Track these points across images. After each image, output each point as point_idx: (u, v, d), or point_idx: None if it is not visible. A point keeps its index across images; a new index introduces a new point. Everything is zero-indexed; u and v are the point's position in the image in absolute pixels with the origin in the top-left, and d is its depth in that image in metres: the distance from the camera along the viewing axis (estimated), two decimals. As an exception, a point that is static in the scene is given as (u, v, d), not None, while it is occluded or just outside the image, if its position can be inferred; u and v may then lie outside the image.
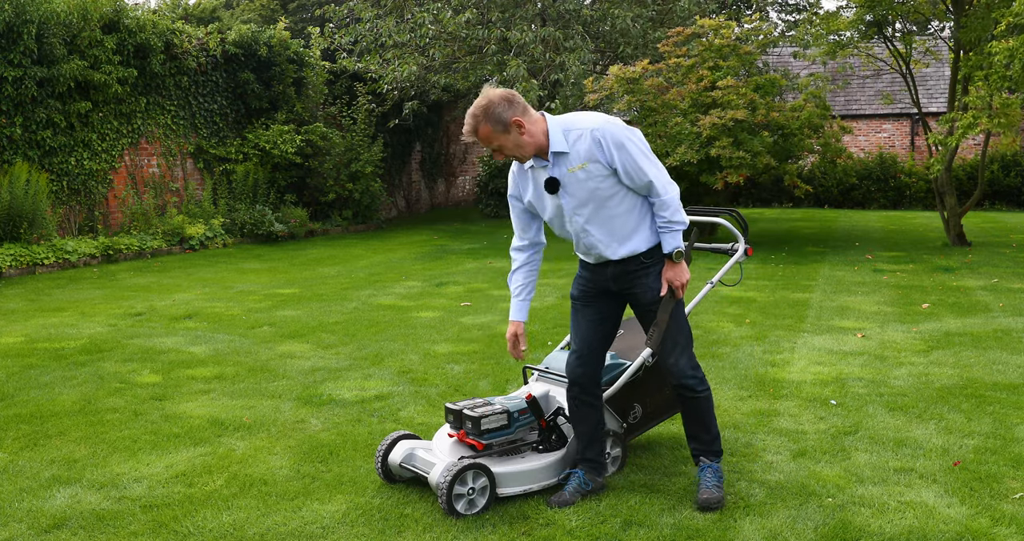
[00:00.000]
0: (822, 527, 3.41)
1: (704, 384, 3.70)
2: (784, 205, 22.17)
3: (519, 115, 3.42)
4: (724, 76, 12.59)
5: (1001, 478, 3.86)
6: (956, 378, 5.54)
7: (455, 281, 10.12)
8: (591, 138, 3.43)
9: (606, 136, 3.42)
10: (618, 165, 3.44)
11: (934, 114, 21.17)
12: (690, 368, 3.66)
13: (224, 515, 3.58)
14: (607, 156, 3.44)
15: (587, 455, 3.76)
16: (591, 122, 3.47)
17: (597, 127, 3.44)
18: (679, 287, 3.61)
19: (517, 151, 3.48)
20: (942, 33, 16.21)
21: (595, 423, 3.79)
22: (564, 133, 3.47)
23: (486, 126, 3.42)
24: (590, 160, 3.45)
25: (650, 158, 3.50)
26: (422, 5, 16.69)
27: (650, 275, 3.63)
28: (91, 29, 12.76)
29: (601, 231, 3.57)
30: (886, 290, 9.02)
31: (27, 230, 11.45)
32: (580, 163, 3.46)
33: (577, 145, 3.45)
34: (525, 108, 3.46)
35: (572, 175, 3.48)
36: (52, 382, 5.72)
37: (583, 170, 3.46)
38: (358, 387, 5.52)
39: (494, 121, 3.41)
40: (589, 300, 3.78)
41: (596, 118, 3.48)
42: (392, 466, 3.82)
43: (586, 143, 3.44)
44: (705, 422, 3.74)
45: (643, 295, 3.65)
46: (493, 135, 3.44)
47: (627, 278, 3.65)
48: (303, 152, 16.11)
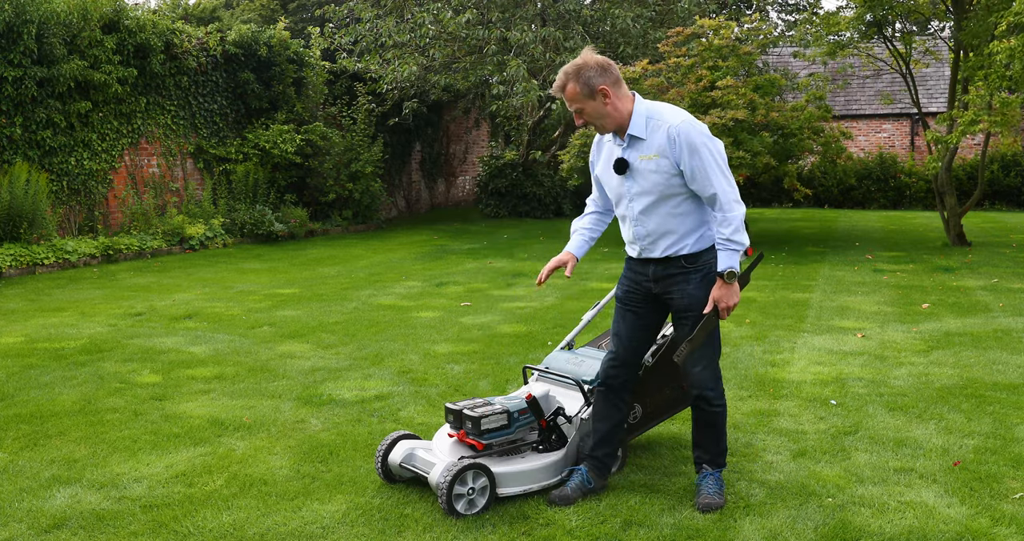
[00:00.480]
0: (822, 527, 3.41)
1: (722, 399, 3.69)
2: (784, 205, 22.18)
3: (608, 85, 3.42)
4: (724, 76, 12.59)
5: (1001, 478, 3.86)
6: (956, 378, 5.54)
7: (455, 281, 10.12)
8: (667, 133, 3.41)
9: (681, 135, 3.39)
10: (685, 168, 3.42)
11: (934, 114, 21.17)
12: (712, 380, 3.65)
13: (224, 515, 3.59)
14: (676, 155, 3.41)
15: (596, 454, 3.76)
16: (673, 117, 3.44)
17: (675, 124, 3.41)
18: (724, 309, 3.49)
19: (597, 119, 3.48)
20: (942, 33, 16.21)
21: (615, 424, 3.79)
22: (646, 119, 3.46)
23: (574, 86, 3.42)
24: (662, 154, 3.44)
25: (723, 171, 3.43)
26: (422, 5, 16.69)
27: (691, 282, 3.56)
28: (91, 29, 12.76)
29: (653, 223, 3.55)
30: (886, 290, 9.02)
31: (27, 230, 11.45)
32: (652, 153, 3.45)
33: (654, 135, 3.44)
34: (617, 80, 3.45)
35: (642, 162, 3.48)
36: (52, 382, 5.72)
37: (653, 161, 3.45)
38: (358, 387, 5.52)
39: (582, 83, 3.41)
40: (632, 304, 3.75)
41: (679, 115, 3.46)
42: (392, 466, 3.82)
43: (662, 136, 3.42)
44: (715, 435, 3.72)
45: (679, 300, 3.59)
46: (578, 97, 3.44)
47: (667, 280, 3.61)
48: (303, 152, 16.11)
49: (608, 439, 3.78)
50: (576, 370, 4.07)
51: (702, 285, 3.56)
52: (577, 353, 4.24)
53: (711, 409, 3.68)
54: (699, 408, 3.70)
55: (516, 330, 7.21)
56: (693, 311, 3.57)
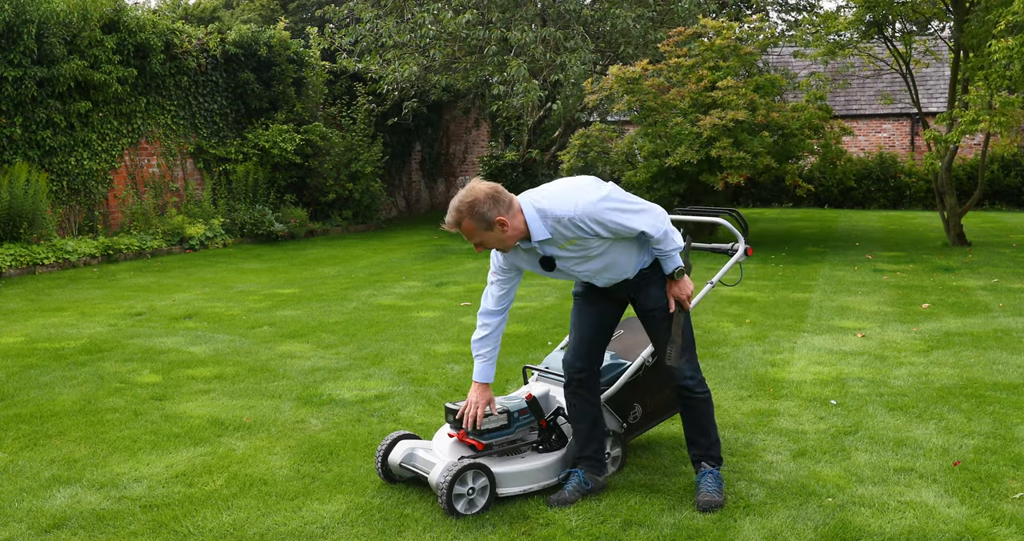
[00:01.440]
0: (822, 527, 3.41)
1: (703, 387, 3.72)
2: (784, 205, 22.18)
3: (503, 213, 3.38)
4: (724, 76, 12.59)
5: (1001, 478, 3.86)
6: (956, 378, 5.54)
7: (455, 281, 10.12)
8: (571, 224, 3.41)
9: (584, 220, 3.39)
10: (605, 234, 3.45)
11: (934, 114, 21.15)
12: (690, 369, 3.69)
13: (224, 515, 3.58)
14: (591, 232, 3.44)
15: (585, 453, 3.77)
16: (563, 207, 3.39)
17: (572, 214, 3.38)
18: (685, 299, 3.67)
19: (499, 245, 3.49)
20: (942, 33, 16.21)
21: (593, 420, 3.80)
22: (543, 221, 3.43)
23: (469, 221, 3.39)
24: (578, 238, 3.46)
25: (632, 209, 3.45)
26: (422, 5, 16.68)
27: (652, 285, 3.69)
28: (91, 29, 12.76)
29: (609, 273, 3.64)
30: (886, 290, 9.02)
31: (27, 230, 11.45)
32: (566, 241, 3.48)
33: (558, 229, 3.44)
34: (509, 203, 3.41)
35: (564, 250, 3.52)
36: (52, 382, 5.72)
37: (574, 245, 3.49)
38: (358, 387, 5.52)
39: (478, 218, 3.38)
40: (592, 298, 3.82)
41: (568, 202, 3.39)
42: (392, 466, 3.82)
43: (567, 227, 3.42)
44: (703, 426, 3.75)
45: (644, 300, 3.72)
46: (476, 231, 3.42)
47: (630, 287, 3.72)
48: (303, 152, 16.11)
49: (592, 436, 3.79)
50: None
51: (663, 285, 3.70)
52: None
53: (695, 397, 3.71)
54: (683, 397, 3.74)
55: (516, 330, 7.21)
56: (657, 309, 3.70)
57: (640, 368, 3.99)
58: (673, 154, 12.21)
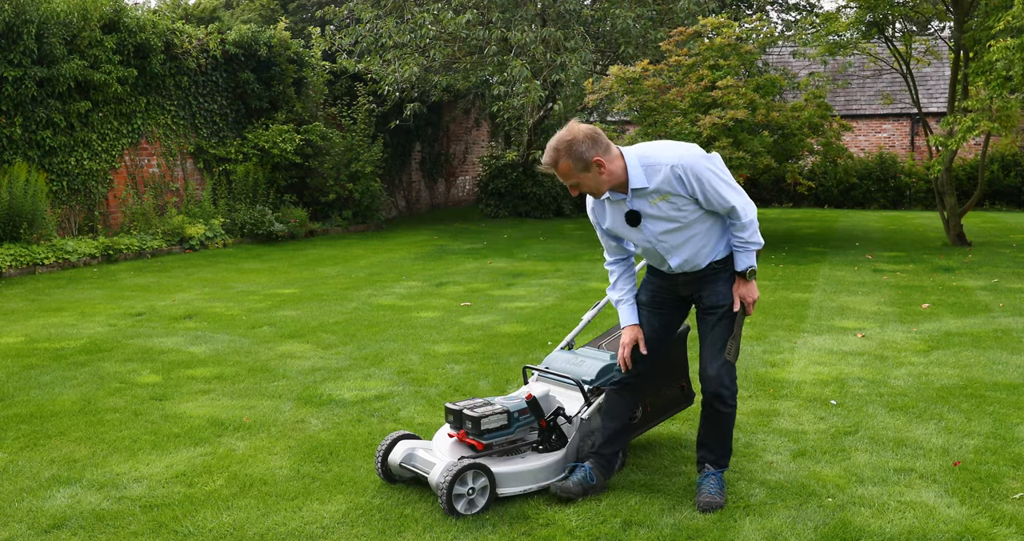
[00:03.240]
0: (822, 527, 3.41)
1: (734, 401, 3.72)
2: (784, 205, 22.18)
3: (601, 154, 3.40)
4: (724, 76, 12.58)
5: (1001, 478, 3.86)
6: (956, 378, 5.54)
7: (455, 281, 10.12)
8: (671, 173, 3.42)
9: (687, 171, 3.41)
10: (699, 196, 3.46)
11: (934, 114, 21.17)
12: (729, 380, 3.68)
13: (224, 515, 3.59)
14: (688, 189, 3.44)
15: (602, 450, 3.78)
16: (670, 156, 3.44)
17: (676, 162, 3.42)
18: (751, 303, 3.67)
19: (594, 188, 3.48)
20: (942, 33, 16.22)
21: (624, 423, 3.83)
22: (644, 168, 3.45)
23: (567, 161, 3.40)
24: (672, 192, 3.46)
25: (731, 184, 3.51)
26: (422, 5, 16.68)
27: (720, 280, 3.68)
28: (91, 29, 12.75)
29: (686, 250, 3.61)
30: (886, 290, 9.02)
31: (27, 230, 11.45)
32: (660, 195, 3.47)
33: (657, 179, 3.44)
34: (608, 146, 3.43)
35: (654, 206, 3.50)
36: (52, 382, 5.72)
37: (665, 202, 3.48)
38: (358, 387, 5.52)
39: (575, 158, 3.38)
40: (657, 308, 3.81)
41: (674, 150, 3.46)
42: (392, 466, 3.82)
43: (666, 177, 3.43)
44: (722, 436, 3.74)
45: (709, 297, 3.69)
46: (573, 172, 3.41)
47: (698, 282, 3.70)
48: (303, 152, 16.11)
49: (616, 438, 3.81)
50: (576, 370, 4.06)
51: (729, 282, 3.69)
52: (577, 353, 4.23)
53: (724, 409, 3.69)
54: (711, 406, 3.70)
55: (516, 330, 7.21)
56: (720, 306, 3.67)
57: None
58: (673, 154, 12.19)
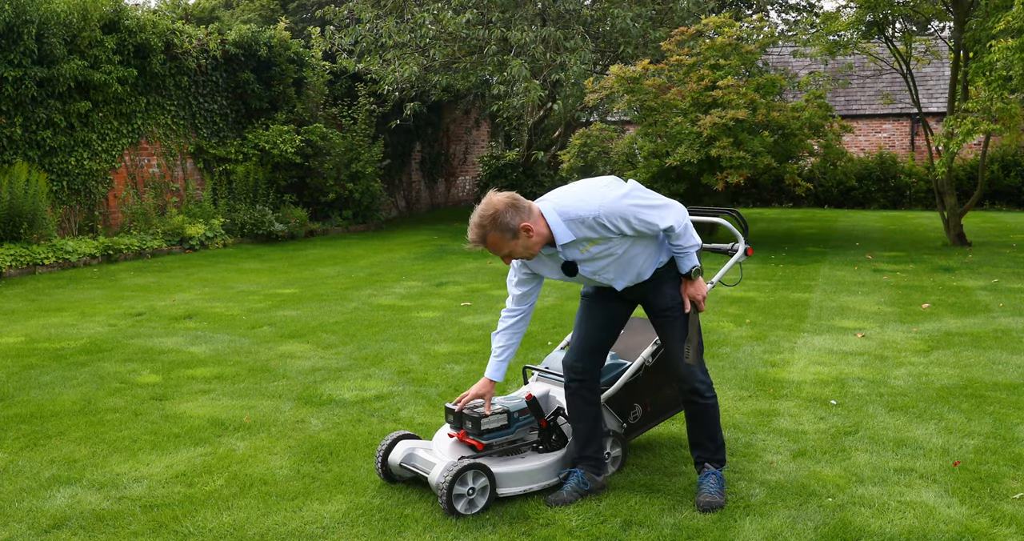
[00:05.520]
0: (822, 527, 3.41)
1: (712, 391, 3.72)
2: (784, 205, 22.18)
3: (526, 219, 3.35)
4: (725, 75, 12.58)
5: (1001, 478, 3.86)
6: (956, 378, 5.54)
7: (455, 281, 10.12)
8: (595, 224, 3.38)
9: (610, 217, 3.36)
10: (628, 232, 3.43)
11: (934, 114, 21.17)
12: (701, 373, 3.68)
13: (224, 515, 3.59)
14: (615, 231, 3.41)
15: (585, 453, 3.76)
16: (589, 207, 3.36)
17: (597, 213, 3.35)
18: (701, 300, 3.66)
19: (526, 253, 3.44)
20: (942, 33, 16.21)
21: (593, 420, 3.79)
22: (566, 223, 3.39)
23: (495, 234, 3.34)
24: (601, 237, 3.43)
25: (655, 205, 3.44)
26: (422, 5, 16.68)
27: (665, 284, 3.66)
28: (91, 29, 12.75)
29: (629, 274, 3.60)
30: (886, 290, 9.02)
31: (27, 230, 11.45)
32: (589, 243, 3.44)
33: (581, 231, 3.41)
34: (529, 209, 3.38)
35: (586, 253, 3.48)
36: (52, 382, 5.72)
37: (595, 245, 3.45)
38: (358, 387, 5.52)
39: (502, 229, 3.33)
40: (600, 299, 3.80)
41: (592, 199, 3.38)
42: (392, 466, 3.82)
43: (591, 227, 3.39)
44: (710, 430, 3.74)
45: (657, 301, 3.68)
46: (503, 242, 3.37)
47: (642, 288, 3.69)
48: (303, 152, 16.11)
49: (592, 436, 3.79)
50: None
51: (675, 284, 3.68)
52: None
53: (703, 401, 3.70)
54: (692, 402, 3.72)
55: (516, 330, 7.20)
56: (671, 308, 3.66)
57: (640, 368, 3.99)
58: (673, 154, 12.21)
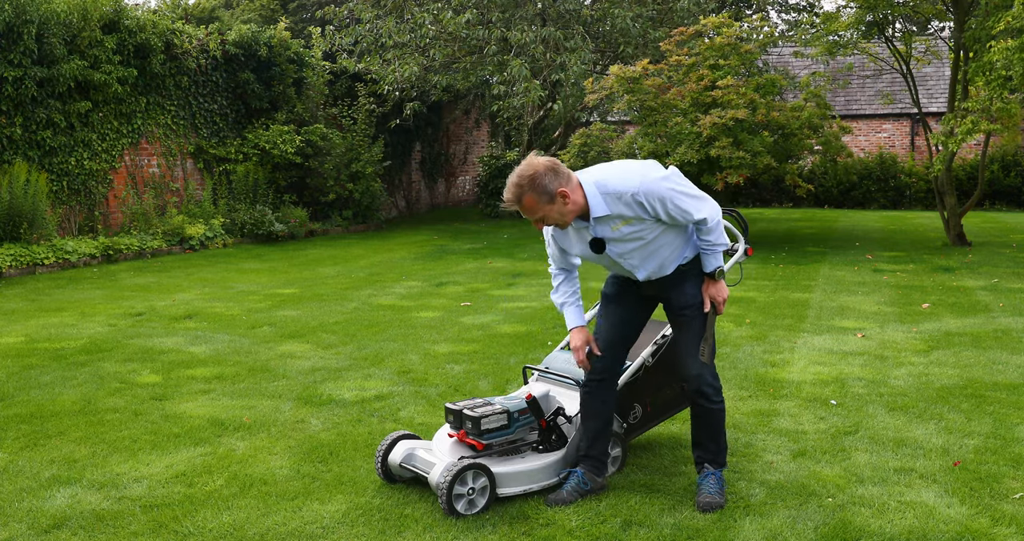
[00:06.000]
0: (822, 527, 3.41)
1: (720, 396, 3.71)
2: (784, 205, 22.18)
3: (564, 185, 3.38)
4: (724, 75, 12.58)
5: (1001, 478, 3.86)
6: (956, 378, 5.54)
7: (455, 281, 10.12)
8: (633, 201, 3.40)
9: (649, 196, 3.39)
10: (663, 216, 3.44)
11: (934, 114, 21.16)
12: (711, 377, 3.68)
13: (224, 515, 3.59)
14: (651, 212, 3.43)
15: (590, 452, 3.76)
16: (630, 184, 3.39)
17: (637, 190, 3.38)
18: (721, 302, 3.65)
19: (560, 219, 3.45)
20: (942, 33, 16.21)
21: (605, 421, 3.80)
22: (603, 196, 3.42)
23: (531, 196, 3.37)
24: (634, 217, 3.44)
25: (693, 195, 3.47)
26: (422, 5, 16.69)
27: (687, 281, 3.66)
28: (91, 29, 12.75)
29: (651, 263, 3.60)
30: (886, 290, 9.02)
31: (27, 230, 11.45)
32: (622, 221, 3.45)
33: (617, 207, 3.42)
34: (568, 176, 3.41)
35: (616, 231, 3.49)
36: (52, 382, 5.72)
37: (627, 225, 3.46)
38: (358, 387, 5.52)
39: (540, 191, 3.36)
40: (621, 300, 3.80)
41: (633, 177, 3.41)
42: (392, 466, 3.82)
43: (628, 204, 3.41)
44: (714, 434, 3.74)
45: (678, 299, 3.67)
46: (538, 205, 3.39)
47: (663, 284, 3.68)
48: (303, 152, 16.11)
49: (601, 437, 3.79)
50: (576, 370, 4.06)
51: (696, 283, 3.67)
52: (577, 353, 4.23)
53: (710, 406, 3.69)
54: (698, 405, 3.71)
55: (516, 330, 7.21)
56: (690, 307, 3.66)
57: (640, 368, 3.99)
58: (673, 154, 12.20)
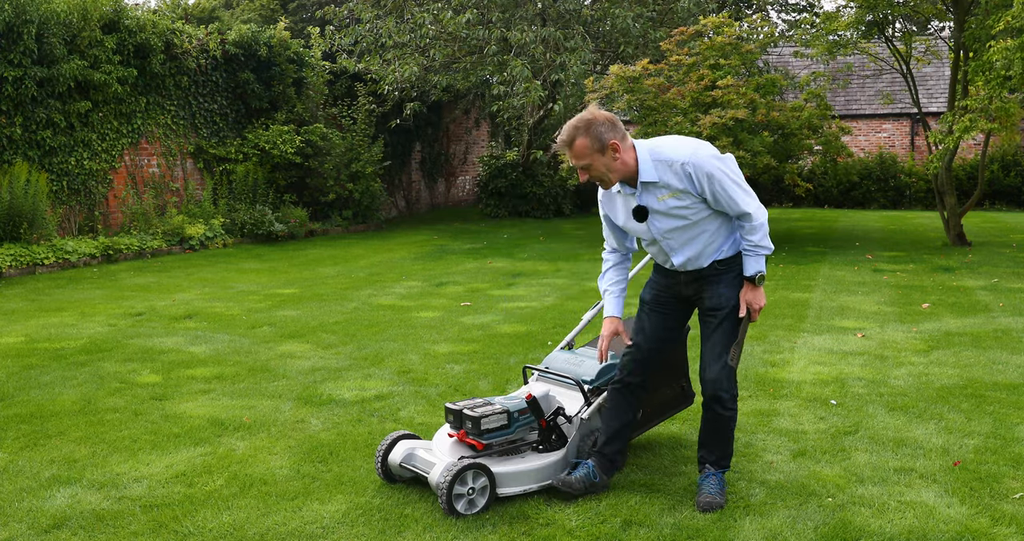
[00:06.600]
0: (822, 527, 3.41)
1: (735, 403, 3.70)
2: (784, 205, 22.18)
3: (618, 140, 3.40)
4: (725, 75, 12.59)
5: (1001, 478, 3.86)
6: (956, 378, 5.54)
7: (455, 281, 10.12)
8: (682, 171, 3.41)
9: (697, 169, 3.40)
10: (708, 195, 3.45)
11: (934, 114, 21.16)
12: (728, 383, 3.66)
13: (224, 515, 3.59)
14: (697, 187, 3.43)
15: (604, 450, 3.77)
16: (681, 153, 3.42)
17: (687, 160, 3.40)
18: (756, 310, 3.63)
19: (604, 174, 3.45)
20: (942, 33, 16.21)
21: (626, 422, 3.82)
22: (654, 162, 3.44)
23: (584, 139, 3.38)
24: (680, 189, 3.44)
25: (743, 187, 3.49)
26: (422, 5, 16.69)
27: (722, 282, 3.64)
28: (91, 29, 12.75)
29: (691, 249, 3.59)
30: (886, 290, 9.02)
31: (27, 230, 11.45)
32: (669, 192, 3.45)
33: (666, 175, 3.43)
34: (624, 135, 3.44)
35: (662, 203, 3.48)
36: (52, 382, 5.72)
37: (674, 198, 3.46)
38: (358, 387, 5.52)
39: (593, 137, 3.38)
40: (659, 306, 3.79)
41: (686, 148, 3.45)
42: (392, 466, 3.82)
43: (677, 174, 3.42)
44: (723, 439, 3.73)
45: (711, 299, 3.65)
46: (588, 151, 3.40)
47: (701, 283, 3.67)
48: (303, 152, 16.11)
49: (618, 436, 3.80)
50: (576, 370, 4.06)
51: (732, 284, 3.64)
52: (577, 353, 4.24)
53: (723, 412, 3.67)
54: (711, 409, 3.69)
55: (516, 330, 7.21)
56: (722, 309, 3.63)
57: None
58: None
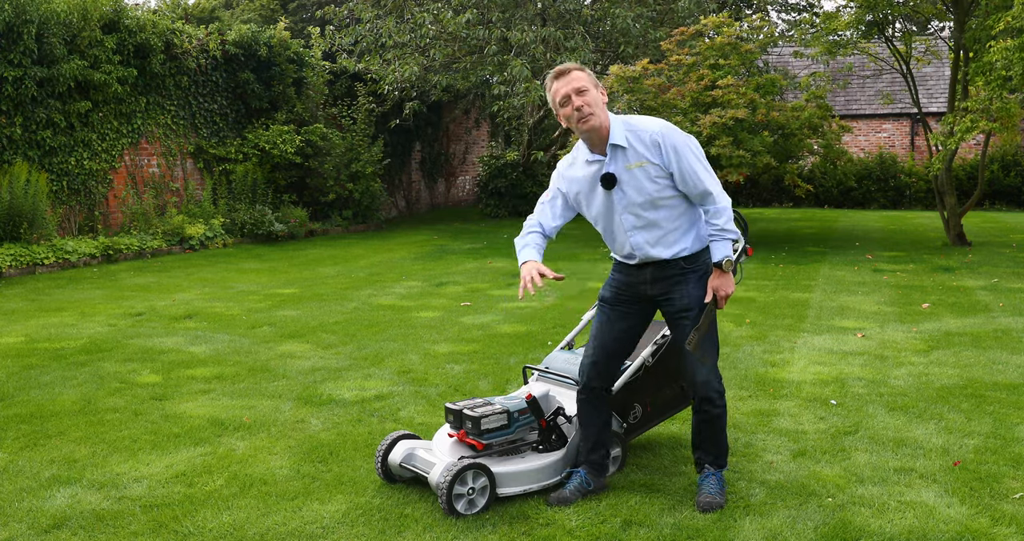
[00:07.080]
0: (822, 527, 3.41)
1: (723, 400, 3.70)
2: (784, 205, 22.17)
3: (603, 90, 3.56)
4: (725, 75, 12.58)
5: (1001, 478, 3.86)
6: (956, 378, 5.54)
7: (455, 281, 10.12)
8: (650, 140, 3.48)
9: (665, 139, 3.47)
10: (675, 169, 3.48)
11: (934, 114, 21.16)
12: (716, 382, 3.67)
13: (224, 515, 3.59)
14: (665, 159, 3.47)
15: (590, 458, 3.76)
16: (651, 127, 3.51)
17: (656, 131, 3.49)
18: (723, 297, 3.58)
19: (592, 107, 3.48)
20: (942, 33, 16.21)
21: (602, 426, 3.80)
22: (625, 131, 3.51)
23: (583, 73, 3.51)
24: (649, 160, 3.48)
25: (707, 167, 3.53)
26: (422, 5, 16.69)
27: (689, 282, 3.61)
28: (91, 29, 12.76)
29: (649, 233, 3.57)
30: (886, 290, 9.02)
31: (27, 230, 11.45)
32: (638, 161, 3.49)
33: (636, 144, 3.49)
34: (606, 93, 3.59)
35: (629, 172, 3.50)
36: (52, 382, 5.72)
37: (641, 169, 3.49)
38: (358, 387, 5.52)
39: (590, 75, 3.53)
40: (619, 305, 3.76)
41: (656, 123, 3.53)
42: (392, 466, 3.82)
43: (645, 143, 3.48)
44: (716, 437, 3.73)
45: (679, 300, 3.62)
46: (587, 82, 3.49)
47: (665, 282, 3.64)
48: (303, 152, 16.11)
49: (600, 442, 3.78)
50: (576, 370, 4.06)
51: (700, 284, 3.62)
52: (577, 353, 4.23)
53: (714, 410, 3.68)
54: (702, 410, 3.69)
55: (516, 330, 7.21)
56: (693, 309, 3.60)
57: (640, 368, 3.99)
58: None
